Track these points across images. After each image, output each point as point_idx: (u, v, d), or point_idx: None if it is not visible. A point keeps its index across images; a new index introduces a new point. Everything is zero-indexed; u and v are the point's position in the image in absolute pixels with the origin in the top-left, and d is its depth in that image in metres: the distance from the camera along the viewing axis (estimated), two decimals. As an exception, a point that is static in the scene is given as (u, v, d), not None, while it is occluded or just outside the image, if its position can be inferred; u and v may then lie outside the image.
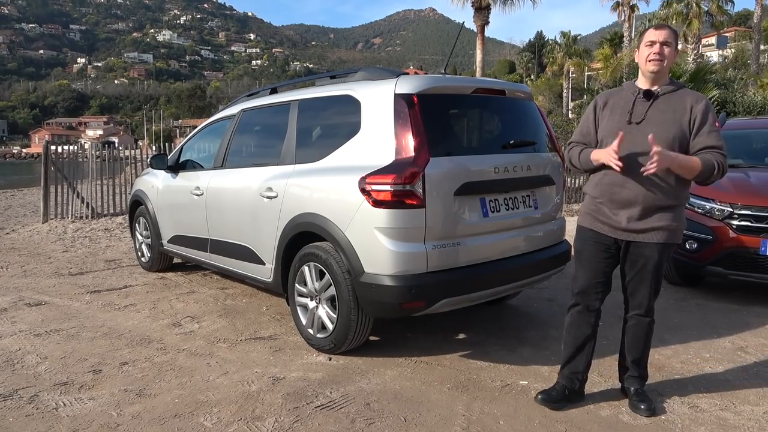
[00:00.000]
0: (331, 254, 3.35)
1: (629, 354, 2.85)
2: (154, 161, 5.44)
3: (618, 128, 2.61)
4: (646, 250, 2.65)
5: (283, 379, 3.17)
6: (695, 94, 2.65)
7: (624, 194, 2.61)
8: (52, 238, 7.91)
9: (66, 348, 3.67)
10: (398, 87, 3.23)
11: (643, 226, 2.62)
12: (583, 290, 2.81)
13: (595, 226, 2.74)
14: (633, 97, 2.67)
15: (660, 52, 2.56)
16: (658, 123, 2.58)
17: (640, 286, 2.73)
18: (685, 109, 2.58)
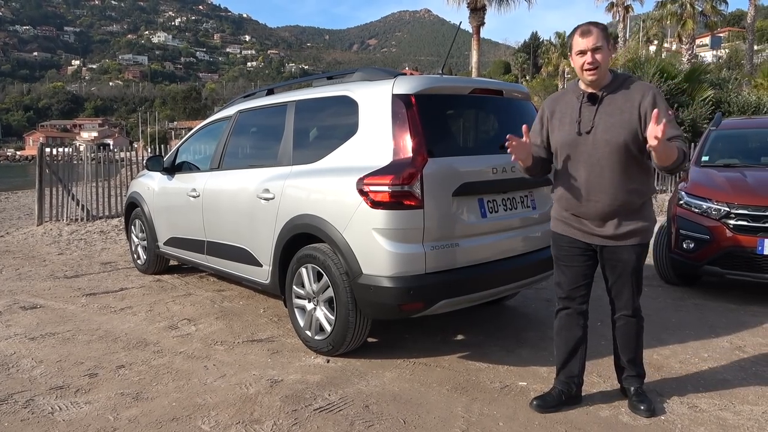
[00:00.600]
0: (328, 256, 3.33)
1: (623, 354, 2.83)
2: (149, 163, 5.41)
3: (570, 139, 2.59)
4: (624, 254, 2.62)
5: (281, 382, 3.15)
6: (641, 86, 2.55)
7: (590, 207, 2.59)
8: (47, 240, 7.86)
9: (61, 351, 3.64)
10: (396, 87, 3.22)
11: (616, 232, 2.59)
12: (567, 294, 2.81)
13: (568, 232, 2.73)
14: (578, 102, 2.60)
15: (592, 60, 2.48)
16: (606, 129, 2.50)
17: (623, 288, 2.71)
18: (633, 107, 2.49)
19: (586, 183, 2.58)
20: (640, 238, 2.63)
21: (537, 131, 2.77)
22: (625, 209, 2.56)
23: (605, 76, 2.58)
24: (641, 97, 2.50)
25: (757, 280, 4.51)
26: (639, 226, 2.60)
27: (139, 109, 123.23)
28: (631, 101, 2.51)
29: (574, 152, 2.60)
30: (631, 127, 2.50)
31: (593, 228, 2.63)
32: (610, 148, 2.50)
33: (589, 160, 2.56)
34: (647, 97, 2.49)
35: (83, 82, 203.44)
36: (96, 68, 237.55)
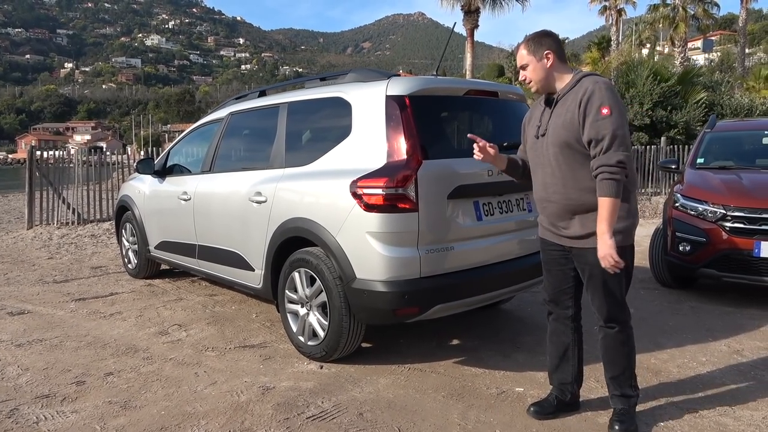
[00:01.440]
0: (321, 260, 3.27)
1: (606, 370, 2.64)
2: (140, 166, 5.33)
3: (531, 143, 2.65)
4: (589, 256, 2.47)
5: (274, 389, 3.08)
6: (588, 82, 2.42)
7: (549, 209, 2.58)
8: (37, 244, 7.75)
9: (48, 359, 3.56)
10: (390, 89, 3.17)
11: (580, 232, 2.48)
12: (552, 298, 2.76)
13: (545, 235, 2.71)
14: (542, 107, 2.64)
15: (524, 78, 2.58)
16: (552, 131, 2.50)
17: (594, 294, 2.54)
18: (576, 105, 2.40)
19: (543, 184, 2.59)
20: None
21: (522, 137, 2.83)
22: (583, 209, 2.45)
23: (549, 84, 2.55)
24: (583, 93, 2.39)
25: (754, 282, 4.48)
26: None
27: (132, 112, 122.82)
28: (575, 100, 2.42)
29: (534, 156, 2.64)
30: (572, 126, 2.42)
31: (560, 229, 2.58)
32: (554, 149, 2.50)
33: (542, 162, 2.58)
34: (587, 93, 2.37)
35: (76, 85, 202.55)
36: (89, 71, 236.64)
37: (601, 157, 2.33)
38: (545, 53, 2.52)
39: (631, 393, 2.63)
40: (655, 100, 13.56)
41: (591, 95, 2.36)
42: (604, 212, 2.34)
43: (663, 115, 13.53)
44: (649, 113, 13.48)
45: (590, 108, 2.35)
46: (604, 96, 2.35)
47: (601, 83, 2.40)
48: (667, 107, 13.71)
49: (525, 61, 2.56)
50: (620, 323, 2.57)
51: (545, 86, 2.57)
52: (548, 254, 2.72)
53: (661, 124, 13.56)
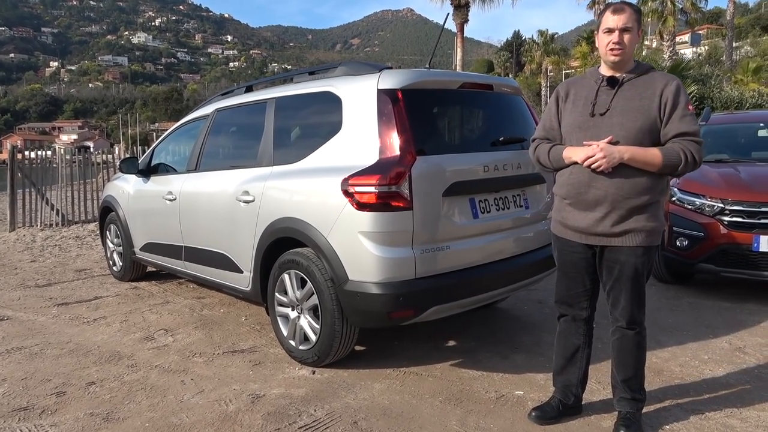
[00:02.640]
0: (312, 261, 3.14)
1: (618, 372, 2.54)
2: (124, 165, 5.17)
3: (581, 121, 2.40)
4: (621, 255, 2.38)
5: (264, 397, 2.95)
6: (665, 76, 2.39)
7: (591, 194, 2.36)
8: (20, 247, 7.55)
9: (28, 368, 3.40)
10: (381, 82, 3.04)
11: (615, 229, 2.36)
12: (564, 300, 2.63)
13: (565, 234, 2.52)
14: (596, 85, 2.42)
15: (620, 40, 2.32)
16: (623, 112, 2.33)
17: (619, 295, 2.45)
18: (654, 94, 2.32)
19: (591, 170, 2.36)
20: (643, 238, 2.36)
21: (552, 114, 2.56)
22: (627, 203, 2.33)
23: (629, 60, 2.40)
24: (664, 85, 2.33)
25: (753, 277, 4.41)
26: (641, 225, 2.34)
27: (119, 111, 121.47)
28: (652, 89, 2.33)
29: (584, 135, 2.38)
30: (650, 114, 2.32)
31: (591, 224, 2.40)
32: (625, 133, 2.31)
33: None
34: (670, 86, 2.32)
35: (62, 84, 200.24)
36: (75, 70, 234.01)
37: (687, 141, 2.28)
38: (640, 30, 2.39)
39: (640, 396, 2.56)
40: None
41: (677, 90, 2.32)
42: (645, 153, 2.27)
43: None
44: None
45: (678, 102, 2.30)
46: (686, 94, 2.35)
47: (678, 80, 2.37)
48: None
49: (631, 24, 2.32)
50: (639, 325, 2.50)
51: (626, 61, 2.38)
52: (568, 255, 2.55)
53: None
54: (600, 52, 2.42)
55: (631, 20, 2.32)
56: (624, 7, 2.34)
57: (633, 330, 2.49)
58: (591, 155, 2.31)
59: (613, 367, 2.60)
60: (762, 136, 5.80)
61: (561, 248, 2.59)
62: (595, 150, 2.29)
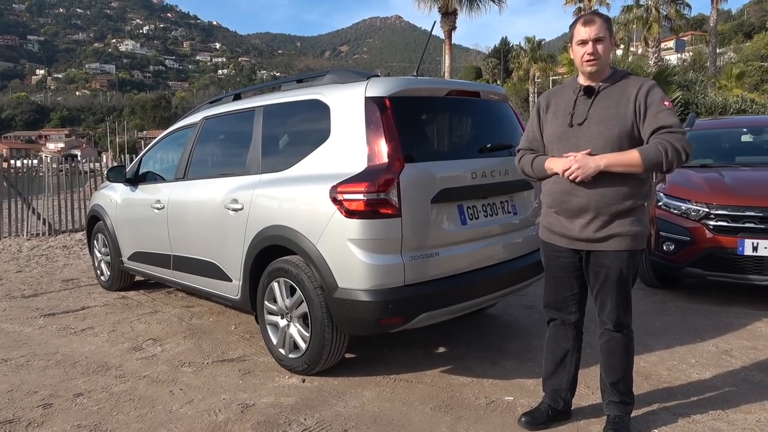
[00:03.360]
0: (302, 269, 3.14)
1: (607, 375, 2.57)
2: (111, 174, 5.14)
3: (560, 132, 2.45)
4: (607, 259, 2.42)
5: (253, 406, 2.93)
6: (639, 80, 2.43)
7: (574, 202, 2.40)
8: (5, 257, 7.46)
9: (14, 380, 3.36)
10: (369, 90, 3.06)
11: (599, 234, 2.39)
12: (552, 305, 2.66)
13: (551, 239, 2.56)
14: (574, 95, 2.46)
15: (594, 51, 2.35)
16: (600, 121, 2.37)
17: (606, 298, 2.48)
18: (629, 100, 2.35)
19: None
20: (627, 243, 2.39)
21: (535, 126, 2.61)
22: (610, 209, 2.36)
23: (605, 69, 2.43)
24: (638, 89, 2.37)
25: (739, 281, 4.46)
26: (626, 230, 2.38)
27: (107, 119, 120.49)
28: (627, 95, 2.37)
29: (564, 145, 2.43)
30: (626, 120, 2.36)
31: (576, 230, 2.44)
32: (603, 141, 2.35)
33: (580, 151, 2.37)
34: (643, 89, 2.36)
35: (48, 92, 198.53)
36: (62, 78, 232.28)
37: (665, 134, 2.28)
38: (613, 38, 2.41)
39: (629, 400, 2.58)
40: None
41: (649, 90, 2.35)
42: (622, 158, 2.29)
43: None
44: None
45: (651, 100, 2.33)
46: (661, 91, 2.38)
47: (652, 82, 2.41)
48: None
49: (603, 34, 2.35)
50: (627, 327, 2.53)
51: (602, 70, 2.41)
52: (555, 260, 2.58)
53: (639, 124, 13.69)
54: (576, 64, 2.46)
55: (603, 30, 2.36)
56: (594, 18, 2.39)
57: (620, 332, 2.52)
58: (567, 167, 2.35)
59: (601, 371, 2.62)
60: (745, 141, 5.89)
61: (548, 253, 2.62)
62: (571, 162, 2.34)
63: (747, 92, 21.67)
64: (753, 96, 19.41)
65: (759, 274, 4.32)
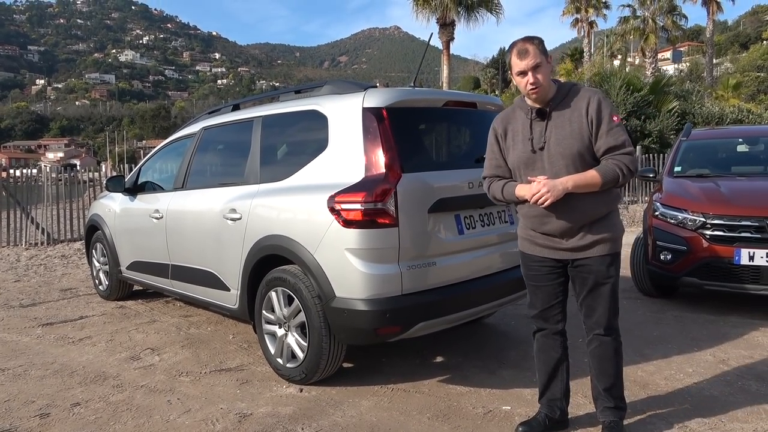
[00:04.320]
0: (299, 278, 3.15)
1: (599, 381, 2.60)
2: (110, 184, 5.16)
3: (525, 158, 2.49)
4: (593, 265, 2.48)
5: (251, 416, 2.94)
6: (587, 92, 2.47)
7: (552, 224, 2.47)
8: (3, 267, 7.46)
9: (11, 389, 3.36)
10: (366, 101, 3.09)
11: (584, 242, 2.47)
12: (541, 315, 2.67)
13: (535, 251, 2.60)
14: (528, 119, 2.51)
15: (534, 81, 2.38)
16: (558, 142, 2.42)
17: (595, 303, 2.53)
18: (581, 116, 2.41)
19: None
20: (609, 247, 2.48)
21: (496, 152, 2.63)
22: (590, 219, 2.44)
23: (549, 90, 2.46)
24: (587, 104, 2.42)
25: (736, 290, 4.47)
26: (606, 236, 2.47)
27: (106, 129, 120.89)
28: (578, 110, 2.43)
29: (530, 171, 2.48)
30: (582, 136, 2.41)
31: (560, 242, 2.50)
32: (565, 161, 2.41)
33: (547, 176, 2.43)
34: (593, 103, 2.41)
35: (48, 102, 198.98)
36: (62, 87, 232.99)
37: (619, 156, 2.38)
38: (548, 57, 2.45)
39: (622, 405, 2.61)
40: (628, 110, 13.79)
41: (599, 105, 2.40)
42: (585, 178, 2.37)
43: (637, 125, 13.76)
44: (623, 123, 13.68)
45: (602, 117, 2.39)
46: (610, 105, 2.44)
47: (599, 94, 2.47)
48: (641, 116, 13.94)
49: (538, 60, 2.36)
50: (615, 331, 2.58)
51: (547, 93, 2.44)
52: (537, 270, 2.61)
53: (636, 133, 13.77)
54: (520, 90, 2.50)
55: (538, 56, 2.37)
56: (527, 47, 2.39)
57: (610, 336, 2.56)
58: (536, 192, 2.38)
59: (593, 379, 2.64)
60: (741, 151, 5.93)
61: (531, 264, 2.64)
62: (539, 187, 2.36)
63: (743, 102, 21.80)
64: (749, 106, 19.53)
65: (755, 283, 4.33)
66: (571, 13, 35.58)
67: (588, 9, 34.87)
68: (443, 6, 20.79)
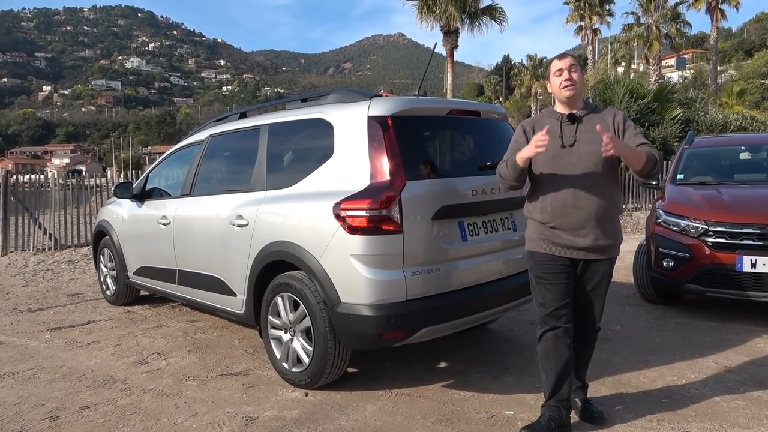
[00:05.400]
0: (305, 284, 3.20)
1: (582, 369, 2.92)
2: (118, 190, 5.23)
3: (553, 152, 2.65)
4: (602, 266, 2.73)
5: (257, 419, 2.98)
6: (612, 110, 2.79)
7: (576, 215, 2.64)
8: (12, 272, 7.54)
9: (21, 393, 3.41)
10: (372, 109, 3.15)
11: (599, 244, 2.67)
12: (554, 314, 2.72)
13: (551, 250, 2.71)
14: (558, 122, 2.73)
15: (570, 77, 2.67)
16: (589, 142, 2.64)
17: (595, 301, 2.79)
18: (608, 124, 2.68)
19: (573, 193, 2.64)
20: (616, 250, 2.78)
21: (522, 143, 2.75)
22: (606, 217, 2.67)
23: (580, 96, 2.76)
24: (614, 115, 2.74)
25: (738, 297, 4.49)
26: (618, 239, 2.76)
27: (112, 135, 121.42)
28: (605, 121, 2.70)
29: (557, 164, 2.67)
30: None
31: (575, 240, 2.65)
32: (594, 160, 2.62)
33: (573, 171, 2.64)
34: (618, 116, 2.74)
35: (55, 108, 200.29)
36: (68, 94, 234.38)
37: (650, 147, 2.64)
38: (583, 71, 2.79)
39: (586, 383, 3.01)
40: (632, 117, 13.80)
41: (624, 117, 2.74)
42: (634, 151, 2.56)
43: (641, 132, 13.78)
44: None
45: (628, 125, 2.71)
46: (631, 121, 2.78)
47: (622, 111, 2.86)
48: (645, 124, 13.96)
49: (575, 64, 2.70)
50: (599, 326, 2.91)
51: (578, 96, 2.72)
52: (553, 268, 2.71)
53: (639, 141, 13.79)
54: (554, 92, 2.76)
55: (575, 62, 2.72)
56: (566, 53, 2.79)
57: (598, 330, 2.91)
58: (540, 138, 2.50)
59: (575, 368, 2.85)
60: (744, 159, 5.96)
61: (546, 263, 2.73)
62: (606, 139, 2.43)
63: (748, 109, 21.80)
64: (753, 113, 19.53)
65: (757, 290, 4.36)
66: (575, 21, 35.70)
67: (592, 16, 35.00)
68: (447, 14, 20.90)
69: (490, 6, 22.34)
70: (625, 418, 2.93)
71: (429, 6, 21.24)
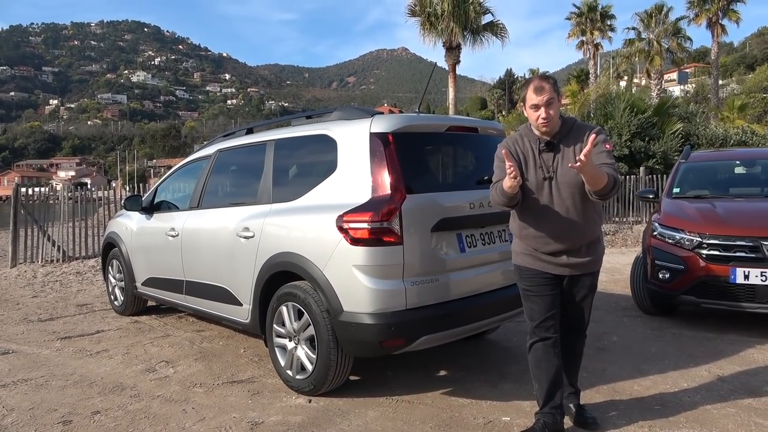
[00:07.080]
0: (309, 293, 3.32)
1: (572, 374, 3.03)
2: (128, 203, 5.38)
3: (536, 185, 2.73)
4: (587, 280, 2.86)
5: (262, 424, 3.09)
6: (586, 127, 2.77)
7: (554, 245, 2.76)
8: (21, 283, 7.68)
9: (34, 398, 3.53)
10: (373, 126, 3.29)
11: (581, 261, 2.79)
12: (543, 325, 2.84)
13: (536, 265, 2.82)
14: (537, 149, 2.75)
15: (546, 116, 2.65)
16: (564, 174, 2.69)
17: (583, 311, 2.92)
18: (584, 144, 2.63)
19: (555, 226, 2.73)
20: (599, 263, 2.91)
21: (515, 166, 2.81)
22: (589, 239, 2.80)
23: (557, 124, 2.75)
24: (587, 135, 2.68)
25: (732, 308, 4.59)
26: (601, 253, 2.89)
27: (117, 148, 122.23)
28: (580, 142, 2.71)
29: (539, 195, 2.75)
30: None
31: (562, 259, 2.78)
32: (571, 189, 2.70)
33: (556, 203, 2.72)
34: (591, 135, 2.63)
35: (61, 122, 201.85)
36: (74, 108, 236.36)
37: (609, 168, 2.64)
38: (560, 95, 2.73)
39: (579, 389, 3.11)
40: (633, 131, 13.94)
41: (597, 133, 2.65)
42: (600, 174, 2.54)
43: (641, 146, 13.89)
44: (627, 144, 13.84)
45: (599, 140, 2.65)
46: (605, 136, 2.78)
47: (599, 128, 2.78)
48: (645, 138, 14.08)
49: (551, 96, 2.64)
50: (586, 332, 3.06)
51: (555, 126, 2.72)
52: (537, 281, 2.83)
53: (640, 155, 13.90)
54: (531, 122, 2.76)
55: (552, 93, 2.65)
56: (543, 85, 2.66)
57: (586, 336, 3.06)
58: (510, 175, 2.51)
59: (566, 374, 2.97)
60: (739, 173, 6.08)
61: (532, 277, 2.84)
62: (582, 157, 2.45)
63: (750, 123, 21.92)
64: (754, 127, 19.64)
65: (751, 301, 4.46)
66: (576, 36, 36.00)
67: (593, 31, 35.29)
68: (449, 30, 21.17)
69: (491, 22, 22.61)
70: (618, 423, 3.02)
71: (431, 22, 21.51)
